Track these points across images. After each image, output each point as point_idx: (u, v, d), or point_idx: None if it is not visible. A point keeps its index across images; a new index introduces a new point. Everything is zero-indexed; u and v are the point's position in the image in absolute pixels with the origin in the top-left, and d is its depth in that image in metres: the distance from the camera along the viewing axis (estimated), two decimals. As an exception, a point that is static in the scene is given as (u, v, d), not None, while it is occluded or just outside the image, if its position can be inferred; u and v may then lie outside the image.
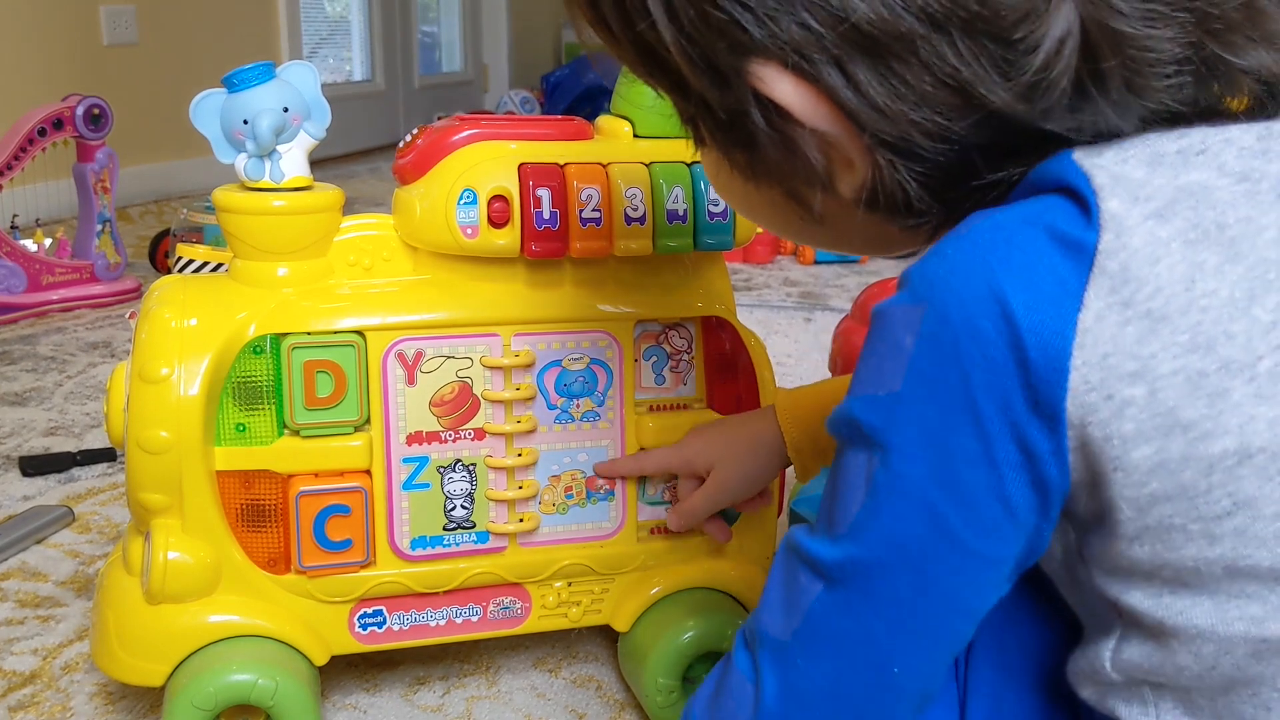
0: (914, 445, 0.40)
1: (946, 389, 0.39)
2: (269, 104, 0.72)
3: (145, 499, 0.73)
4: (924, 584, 0.41)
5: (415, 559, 0.77)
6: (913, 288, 0.40)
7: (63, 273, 1.89)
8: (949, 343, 0.38)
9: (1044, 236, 0.38)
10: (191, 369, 0.72)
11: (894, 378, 0.40)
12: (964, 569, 0.41)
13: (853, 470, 0.42)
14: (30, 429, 1.35)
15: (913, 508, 0.40)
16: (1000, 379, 0.38)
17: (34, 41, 2.64)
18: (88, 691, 0.83)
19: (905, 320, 0.40)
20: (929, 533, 0.40)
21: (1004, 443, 0.38)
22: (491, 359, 0.77)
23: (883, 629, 0.42)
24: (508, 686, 0.85)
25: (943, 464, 0.39)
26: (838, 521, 0.42)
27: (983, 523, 0.40)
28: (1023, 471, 0.39)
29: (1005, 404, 0.38)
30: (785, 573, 0.45)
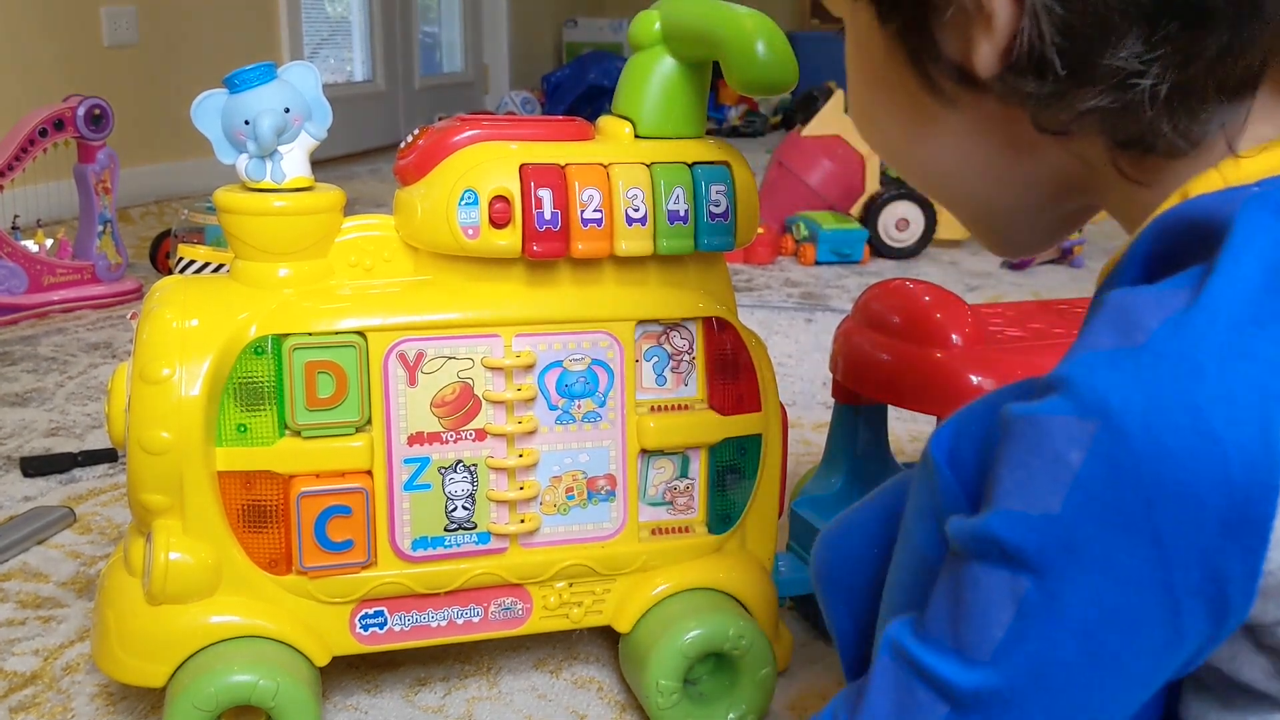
0: (1076, 570, 0.37)
1: (1122, 513, 0.36)
2: (270, 104, 0.72)
3: (146, 500, 0.73)
4: (1070, 709, 0.39)
5: (416, 560, 0.77)
6: (1079, 399, 0.37)
7: (64, 273, 1.89)
8: (1130, 463, 0.35)
9: (1235, 333, 0.35)
10: (193, 369, 0.72)
11: (1051, 496, 0.37)
12: (1114, 689, 0.39)
13: (992, 588, 0.38)
14: (31, 430, 1.35)
15: (1069, 634, 0.37)
16: (1193, 506, 0.35)
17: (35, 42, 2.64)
18: (89, 692, 0.83)
19: (1068, 435, 0.36)
20: (1083, 659, 0.38)
21: (1185, 569, 0.36)
22: (493, 360, 0.77)
23: None
24: (509, 687, 0.85)
25: (1110, 590, 0.37)
26: (971, 643, 0.39)
27: (1146, 649, 0.37)
28: (1201, 599, 0.36)
29: (1196, 531, 0.35)
30: (898, 687, 0.42)
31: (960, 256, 2.49)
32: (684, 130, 0.79)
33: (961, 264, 2.42)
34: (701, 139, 0.79)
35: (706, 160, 0.78)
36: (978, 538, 0.39)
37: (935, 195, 0.51)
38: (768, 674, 0.81)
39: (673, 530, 0.83)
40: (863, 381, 0.90)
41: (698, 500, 0.83)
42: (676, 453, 0.82)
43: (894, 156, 0.51)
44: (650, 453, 0.81)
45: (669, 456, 0.82)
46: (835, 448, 0.98)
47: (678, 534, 0.83)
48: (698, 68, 0.78)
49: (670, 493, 0.82)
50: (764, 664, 0.80)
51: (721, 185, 0.77)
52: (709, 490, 0.83)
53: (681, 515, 0.83)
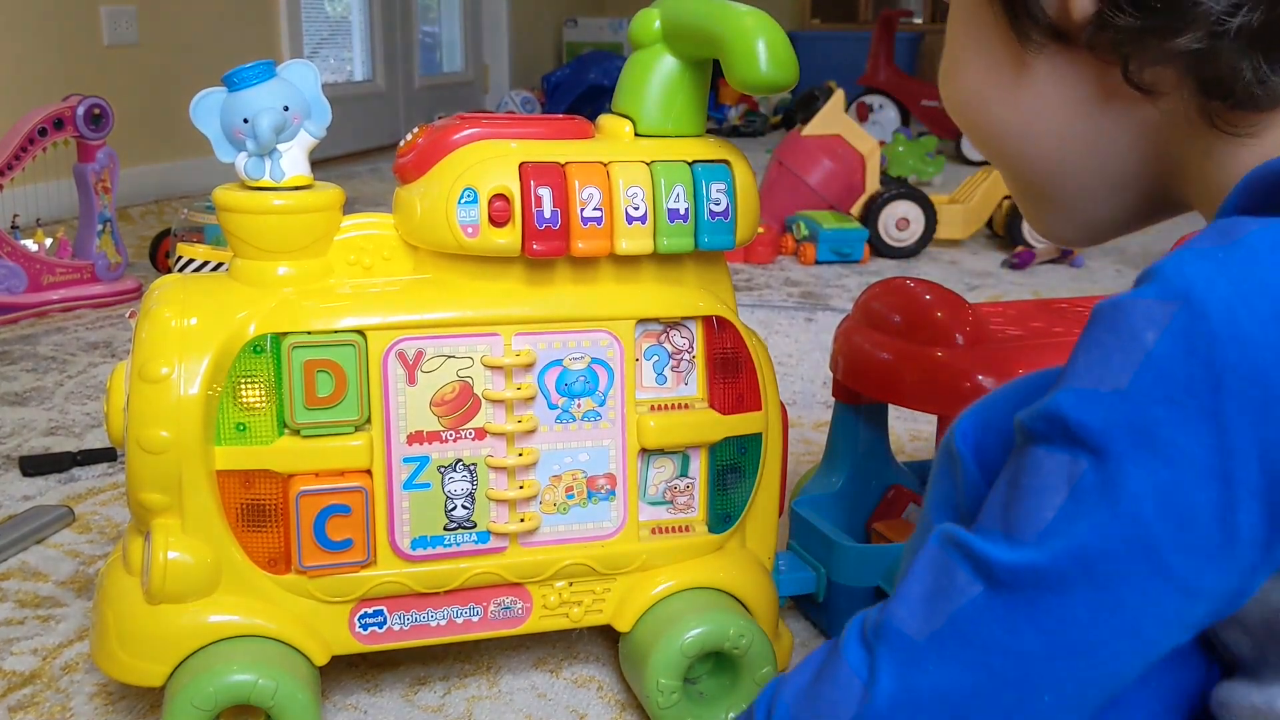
0: (1137, 450, 0.36)
1: (1190, 393, 0.35)
2: (269, 103, 0.72)
3: (145, 499, 0.73)
4: (1107, 606, 0.37)
5: (416, 559, 0.77)
6: (1164, 282, 0.37)
7: (63, 273, 1.89)
8: (1204, 343, 0.35)
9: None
10: (191, 368, 0.72)
11: (1121, 373, 0.36)
12: (1157, 596, 0.37)
13: (1049, 470, 0.38)
14: (30, 429, 1.35)
15: (1120, 520, 0.36)
16: (1263, 392, 0.34)
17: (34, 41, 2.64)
18: (87, 692, 0.83)
19: (1148, 315, 0.36)
20: (1130, 549, 0.36)
21: (1246, 461, 0.35)
22: (492, 358, 0.77)
23: (1042, 651, 0.38)
24: (508, 687, 0.84)
25: (1166, 474, 0.36)
26: (1020, 525, 0.38)
27: (1197, 548, 0.36)
28: (1258, 498, 0.35)
29: (1262, 419, 0.34)
30: (935, 567, 0.41)
31: (960, 256, 2.49)
32: (684, 129, 0.78)
33: (962, 263, 2.42)
34: (702, 137, 0.79)
35: (707, 159, 0.78)
36: (1043, 416, 0.38)
37: (1009, 160, 0.49)
38: (768, 673, 0.80)
39: (673, 529, 0.82)
40: (863, 381, 0.90)
41: (698, 499, 0.83)
42: (676, 452, 0.82)
43: (976, 112, 0.49)
44: (650, 452, 0.81)
45: (669, 455, 0.82)
46: (836, 447, 0.98)
47: (678, 533, 0.82)
48: (698, 66, 0.78)
49: (670, 492, 0.82)
50: (764, 663, 0.80)
51: (722, 184, 0.77)
52: (709, 489, 0.83)
53: (681, 514, 0.83)
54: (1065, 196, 0.49)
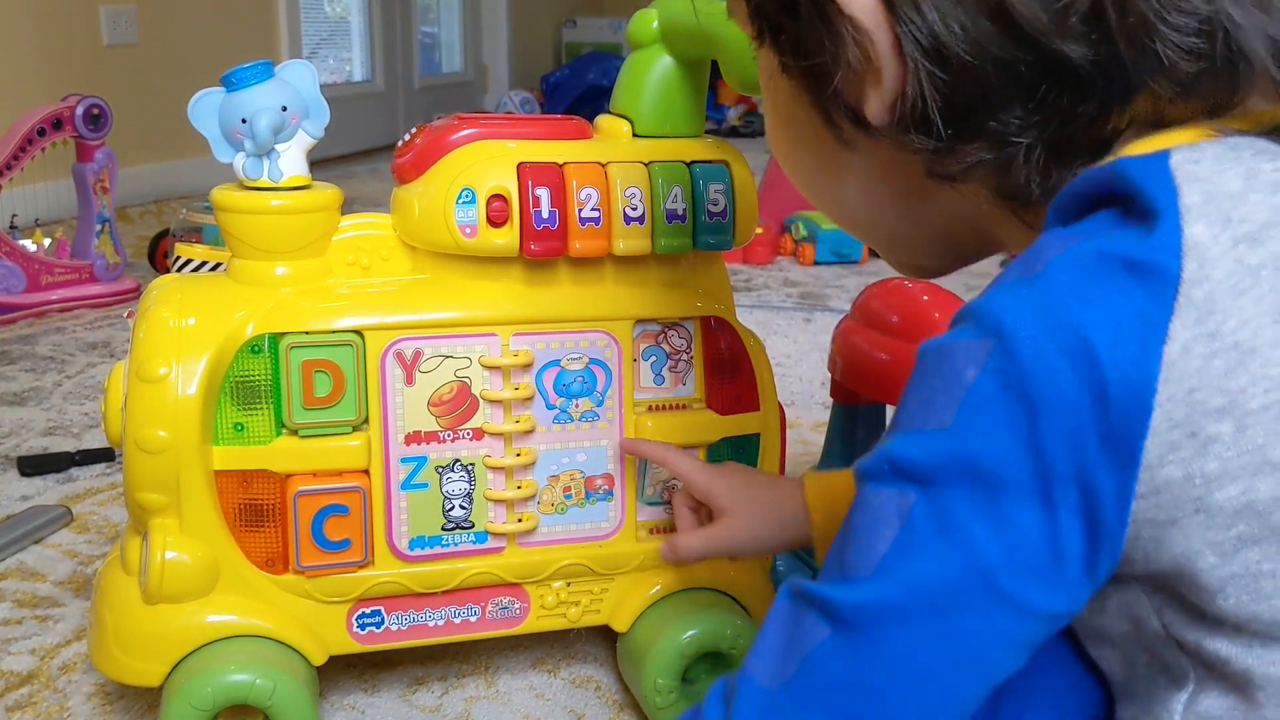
0: (962, 481, 0.37)
1: (1008, 426, 0.37)
2: (267, 102, 0.72)
3: (143, 499, 0.73)
4: (947, 634, 0.38)
5: (414, 559, 0.77)
6: (978, 321, 0.38)
7: (62, 273, 1.89)
8: (1016, 380, 0.37)
9: (1120, 267, 0.36)
10: (189, 368, 0.72)
11: (945, 412, 0.38)
12: (994, 619, 0.38)
13: (881, 508, 0.39)
14: (29, 429, 1.35)
15: (952, 547, 0.37)
16: (1072, 419, 0.36)
17: (34, 41, 2.64)
18: (85, 692, 0.83)
19: (968, 354, 0.38)
20: (965, 576, 0.37)
21: (1064, 484, 0.36)
22: (490, 359, 0.77)
23: (890, 684, 0.39)
24: (506, 687, 0.84)
25: (992, 502, 0.37)
26: (855, 563, 0.39)
27: (1027, 568, 0.37)
28: (1079, 516, 0.37)
29: (1074, 444, 0.36)
30: (786, 619, 0.42)
31: (959, 257, 2.49)
32: (682, 129, 0.79)
33: (960, 264, 2.42)
34: (700, 138, 0.79)
35: (705, 159, 0.78)
36: (874, 459, 0.40)
37: (846, 228, 0.53)
38: (766, 674, 0.80)
39: (671, 530, 0.82)
40: (861, 381, 0.90)
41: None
42: (674, 452, 0.82)
43: (807, 189, 0.53)
44: (648, 452, 0.81)
45: (667, 456, 0.82)
46: (833, 447, 0.98)
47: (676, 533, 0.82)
48: (696, 66, 0.78)
49: (668, 492, 0.82)
50: (762, 664, 0.80)
51: (720, 184, 0.77)
52: (707, 490, 0.83)
53: (679, 515, 0.83)
54: (898, 253, 0.53)
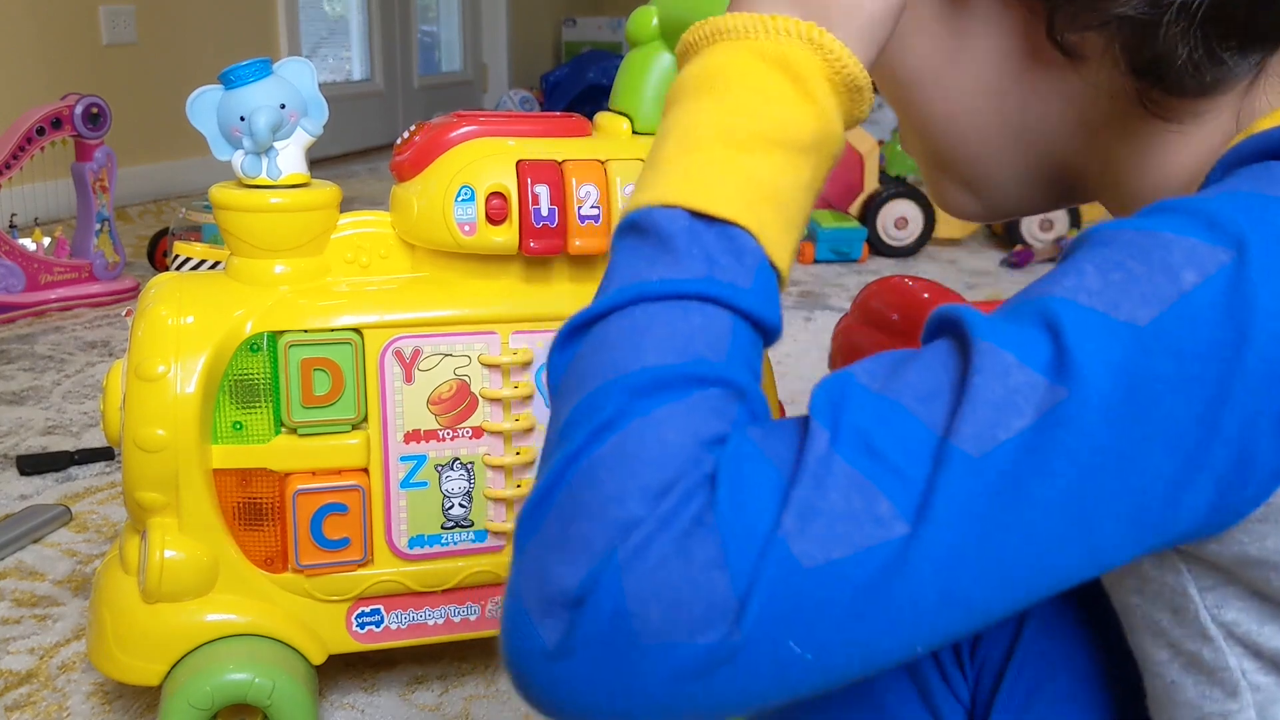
0: (1123, 400, 0.30)
1: (1209, 356, 0.30)
2: (266, 100, 0.72)
3: (142, 497, 0.72)
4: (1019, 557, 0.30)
5: (413, 557, 0.77)
6: (1221, 227, 0.32)
7: (61, 272, 1.89)
8: (1244, 307, 0.30)
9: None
10: (188, 367, 0.72)
11: (1142, 307, 0.31)
12: (1072, 544, 0.31)
13: (1022, 385, 0.30)
14: (28, 428, 1.35)
15: (1071, 465, 0.30)
16: (1271, 366, 0.30)
17: (33, 41, 2.64)
18: (84, 691, 0.83)
19: (1194, 255, 0.31)
20: (1071, 505, 0.30)
21: (1225, 445, 0.31)
22: (489, 357, 0.77)
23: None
24: (506, 686, 0.84)
25: (1136, 429, 0.30)
26: (968, 434, 0.30)
27: (1135, 516, 0.31)
28: (1214, 485, 0.31)
29: (1259, 405, 0.31)
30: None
31: (959, 255, 2.49)
32: None
33: (960, 262, 2.42)
34: (699, 135, 0.79)
35: (704, 157, 0.77)
36: (1038, 312, 0.32)
37: (934, 128, 0.45)
38: (766, 672, 0.80)
39: (670, 528, 0.82)
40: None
41: (696, 498, 0.82)
42: (674, 450, 0.81)
43: (910, 79, 0.44)
44: (648, 450, 0.81)
45: (667, 454, 0.81)
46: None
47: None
48: (695, 64, 0.77)
49: (668, 490, 0.82)
50: (762, 662, 0.80)
51: (719, 182, 0.77)
52: (707, 488, 0.82)
53: (679, 513, 0.82)
54: (979, 172, 0.45)
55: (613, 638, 0.30)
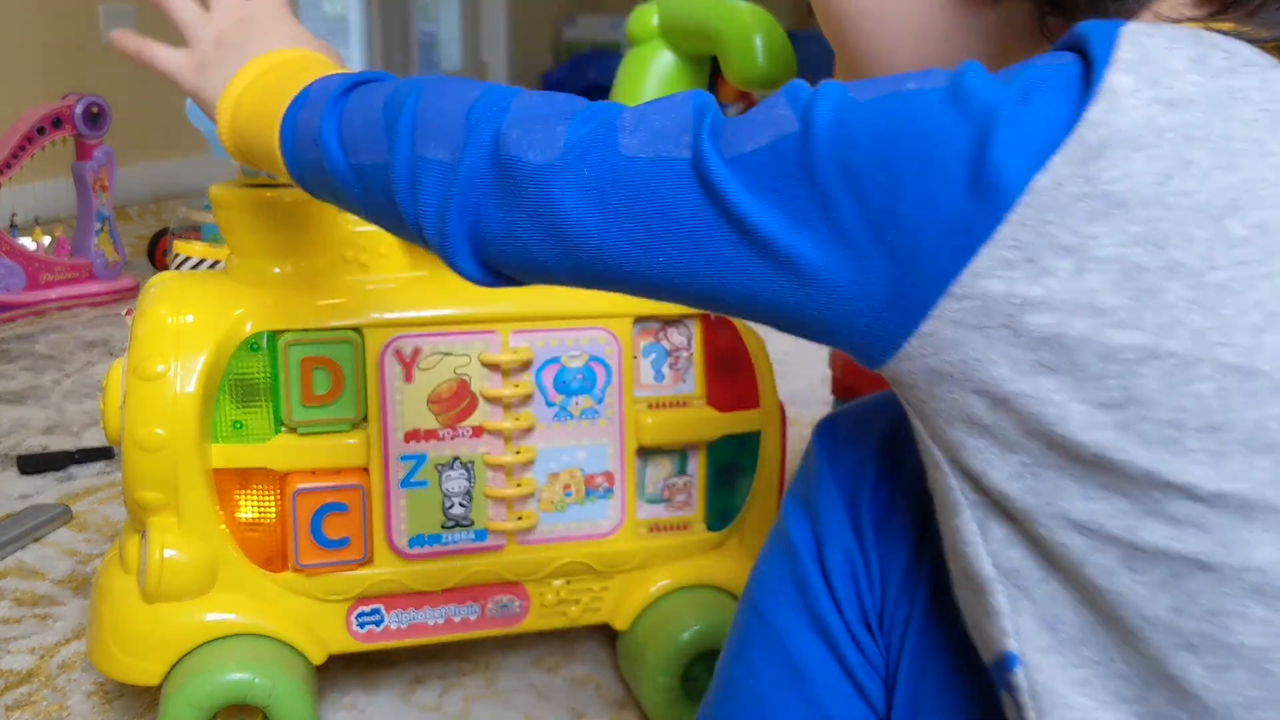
0: (827, 138, 0.37)
1: (891, 140, 0.37)
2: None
3: (142, 497, 0.72)
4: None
5: (413, 557, 0.77)
6: (957, 71, 0.38)
7: (61, 271, 1.89)
8: (965, 102, 0.36)
9: (1059, 94, 0.36)
10: (188, 366, 0.72)
11: (868, 93, 0.38)
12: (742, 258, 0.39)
13: (774, 114, 0.39)
14: (28, 427, 1.35)
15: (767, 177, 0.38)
16: (950, 174, 0.36)
17: (33, 40, 2.63)
18: (84, 690, 0.83)
19: (925, 76, 0.38)
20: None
21: (894, 229, 0.36)
22: (489, 356, 0.77)
23: None
24: (506, 685, 0.84)
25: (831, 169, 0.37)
26: (729, 143, 0.39)
27: (804, 234, 0.37)
28: (887, 263, 0.37)
29: (931, 218, 0.36)
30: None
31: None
32: None
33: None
34: (699, 134, 0.79)
35: (704, 156, 0.77)
36: (801, 91, 0.40)
37: (859, 56, 0.48)
38: (766, 672, 0.80)
39: (671, 527, 0.82)
40: (862, 377, 0.90)
41: (696, 497, 0.82)
42: (675, 450, 0.81)
43: (839, 10, 0.48)
44: (648, 450, 0.81)
45: (667, 453, 0.81)
46: (834, 445, 0.98)
47: (676, 531, 0.82)
48: (696, 62, 0.77)
49: (668, 490, 0.82)
50: (762, 662, 0.80)
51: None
52: (707, 487, 0.82)
53: (680, 512, 0.82)
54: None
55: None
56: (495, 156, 0.43)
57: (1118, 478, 0.35)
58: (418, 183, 0.45)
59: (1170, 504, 0.34)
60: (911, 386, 0.38)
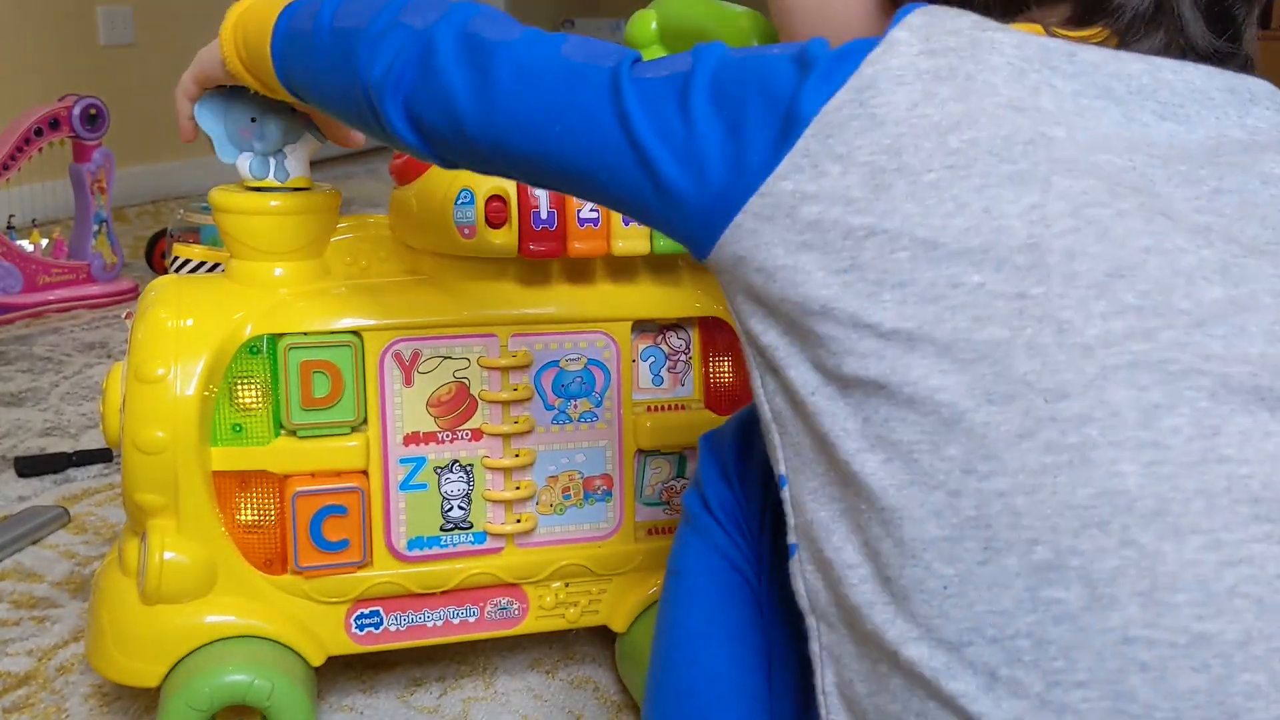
0: (707, 78, 0.49)
1: (758, 68, 0.48)
2: (276, 103, 0.73)
3: (141, 499, 0.73)
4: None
5: (412, 559, 0.77)
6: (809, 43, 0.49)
7: (59, 273, 1.89)
8: (782, 66, 0.48)
9: (862, 51, 0.46)
10: (188, 369, 0.72)
11: (747, 53, 0.50)
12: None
13: (678, 60, 0.50)
14: (26, 429, 1.35)
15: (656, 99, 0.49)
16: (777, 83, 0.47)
17: (31, 41, 2.63)
18: (82, 693, 0.83)
19: (787, 47, 0.49)
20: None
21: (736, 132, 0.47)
22: (489, 359, 0.77)
23: None
24: (504, 688, 0.84)
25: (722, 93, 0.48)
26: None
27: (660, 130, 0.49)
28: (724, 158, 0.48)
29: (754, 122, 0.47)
30: None
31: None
32: None
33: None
34: (698, 138, 0.79)
35: (703, 160, 0.78)
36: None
37: (794, 37, 0.58)
38: (764, 674, 0.80)
39: (669, 530, 0.82)
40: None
41: (694, 500, 0.83)
42: (673, 452, 0.82)
43: None
44: (647, 452, 0.81)
45: (665, 456, 0.82)
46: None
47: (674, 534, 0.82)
48: (694, 67, 0.77)
49: (667, 492, 0.82)
50: (760, 664, 0.80)
51: (718, 185, 0.77)
52: (705, 490, 0.83)
53: (678, 515, 0.83)
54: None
55: None
56: (460, 30, 0.53)
57: (833, 323, 0.44)
58: (383, 38, 0.55)
59: (862, 341, 0.44)
60: (720, 271, 0.49)
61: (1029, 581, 0.41)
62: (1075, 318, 0.41)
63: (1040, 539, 0.41)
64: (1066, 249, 0.42)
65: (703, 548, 0.62)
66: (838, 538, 0.45)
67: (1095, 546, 0.40)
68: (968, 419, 0.42)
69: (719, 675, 0.59)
